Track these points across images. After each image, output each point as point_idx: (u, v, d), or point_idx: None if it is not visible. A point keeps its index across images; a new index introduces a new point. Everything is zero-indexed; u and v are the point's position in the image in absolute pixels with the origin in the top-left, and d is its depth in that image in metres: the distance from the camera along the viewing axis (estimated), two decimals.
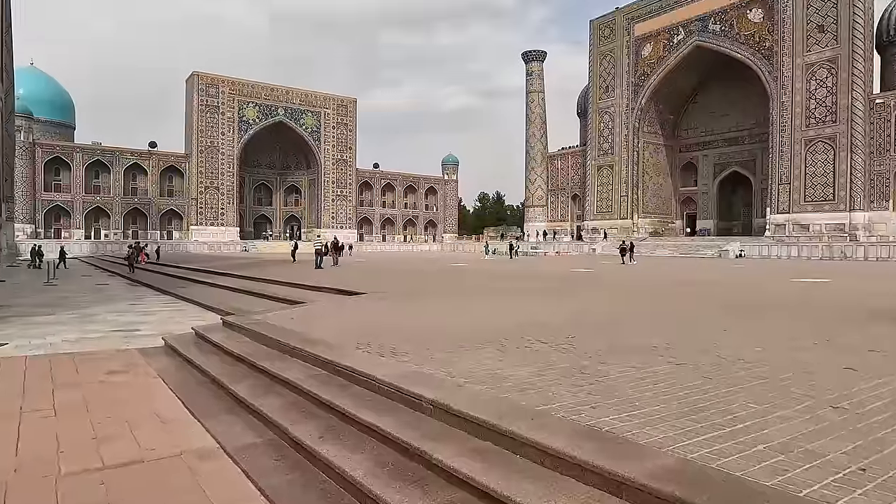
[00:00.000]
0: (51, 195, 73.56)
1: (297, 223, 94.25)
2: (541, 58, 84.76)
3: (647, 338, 6.64)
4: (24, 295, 16.57)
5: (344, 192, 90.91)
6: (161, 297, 16.36)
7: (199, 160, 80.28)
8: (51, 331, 9.63)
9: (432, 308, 10.04)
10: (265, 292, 15.20)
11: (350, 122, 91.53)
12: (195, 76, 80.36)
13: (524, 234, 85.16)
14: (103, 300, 15.33)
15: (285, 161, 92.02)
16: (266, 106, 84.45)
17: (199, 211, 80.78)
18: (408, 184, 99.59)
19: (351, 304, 10.60)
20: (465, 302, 11.34)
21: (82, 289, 18.92)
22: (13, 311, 12.39)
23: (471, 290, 14.90)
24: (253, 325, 7.46)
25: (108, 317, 11.64)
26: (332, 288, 14.85)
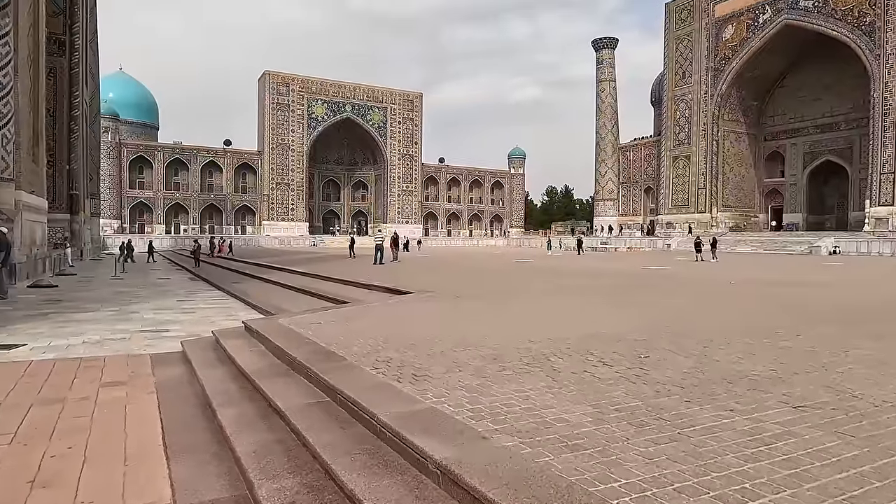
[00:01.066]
0: (135, 192, 77.63)
1: (363, 218, 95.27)
2: (612, 45, 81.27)
3: (745, 362, 5.19)
4: (85, 289, 16.71)
5: (409, 187, 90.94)
6: (212, 293, 16.05)
7: (270, 157, 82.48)
8: (81, 329, 9.19)
9: (482, 311, 8.86)
10: (314, 290, 14.51)
11: (416, 117, 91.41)
12: (266, 75, 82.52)
13: (594, 229, 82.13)
14: (155, 296, 15.14)
15: (353, 157, 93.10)
16: (334, 103, 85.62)
17: (270, 206, 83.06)
18: (473, 178, 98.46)
19: (394, 306, 9.60)
20: (522, 304, 10.08)
21: (143, 283, 19.03)
22: (62, 307, 12.24)
23: (531, 289, 13.59)
24: (271, 332, 6.56)
25: (147, 314, 11.22)
26: (381, 286, 13.96)
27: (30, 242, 19.19)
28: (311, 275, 19.22)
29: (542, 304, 10.42)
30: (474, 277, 18.99)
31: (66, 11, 37.66)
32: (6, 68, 16.79)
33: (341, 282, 16.31)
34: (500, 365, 4.97)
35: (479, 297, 11.26)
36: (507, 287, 14.50)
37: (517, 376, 4.56)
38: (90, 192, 50.21)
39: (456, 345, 5.93)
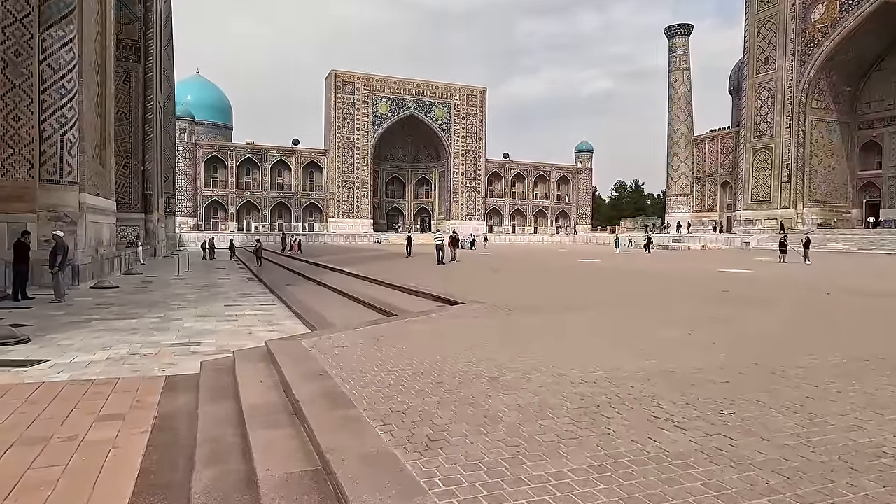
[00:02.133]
0: (209, 190, 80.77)
1: (427, 215, 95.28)
2: (686, 32, 77.08)
3: (869, 426, 3.94)
4: (141, 290, 16.86)
5: (473, 183, 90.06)
6: (263, 297, 15.76)
7: (336, 155, 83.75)
8: (114, 340, 8.87)
9: (534, 331, 7.84)
10: (363, 296, 13.89)
11: (480, 113, 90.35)
12: (333, 74, 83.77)
13: (665, 226, 78.37)
14: (205, 299, 14.99)
15: (416, 154, 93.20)
16: (398, 100, 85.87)
17: (336, 204, 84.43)
18: (538, 173, 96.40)
19: (437, 322, 8.73)
20: (580, 320, 8.96)
21: (201, 284, 19.11)
22: (109, 312, 12.16)
23: (593, 299, 12.36)
24: (287, 358, 5.84)
25: (188, 322, 10.88)
26: (430, 294, 13.14)
27: (95, 243, 19.68)
28: (363, 277, 18.69)
29: (603, 320, 9.25)
30: (533, 282, 17.84)
31: (142, 18, 39.09)
32: (70, 74, 17.16)
33: (391, 287, 15.62)
34: (540, 422, 3.97)
35: (534, 310, 10.20)
36: (567, 295, 13.32)
37: (559, 444, 3.55)
38: (165, 191, 52.40)
39: (493, 384, 4.96)
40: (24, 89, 16.56)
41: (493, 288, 15.33)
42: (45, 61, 16.75)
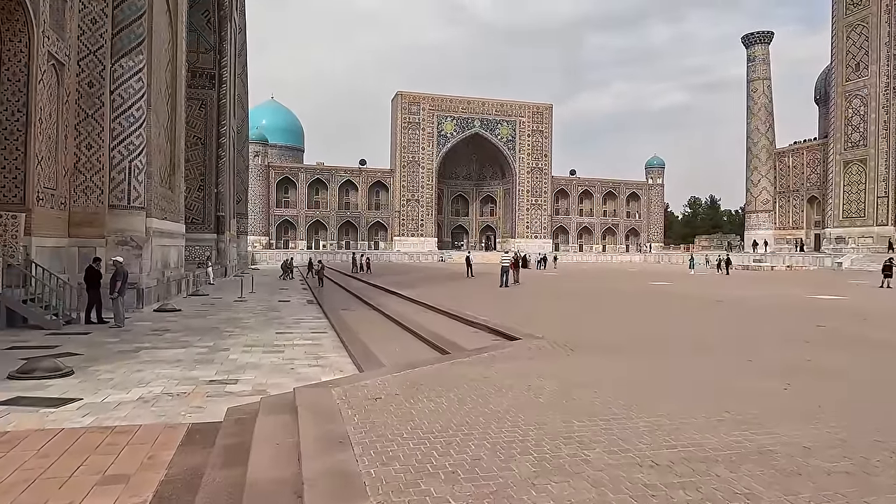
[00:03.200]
0: (281, 210, 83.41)
1: (492, 233, 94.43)
2: (765, 39, 73.13)
3: None
4: (200, 314, 16.95)
5: (539, 200, 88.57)
6: (317, 323, 15.41)
7: (401, 174, 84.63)
8: (152, 376, 8.59)
9: (595, 380, 6.87)
10: (416, 326, 13.24)
11: (545, 129, 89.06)
12: (399, 95, 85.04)
13: (744, 244, 73.87)
14: (260, 325, 14.79)
15: (481, 172, 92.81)
16: (463, 119, 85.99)
17: (401, 222, 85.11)
18: (607, 190, 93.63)
19: (487, 366, 7.89)
20: (652, 366, 7.87)
21: (259, 308, 19.08)
22: (161, 339, 12.09)
23: (667, 333, 11.13)
24: (308, 415, 5.19)
25: (234, 354, 10.55)
26: (486, 326, 12.30)
27: (162, 266, 20.13)
28: (419, 302, 18.09)
29: (678, 366, 8.11)
30: (598, 310, 16.63)
31: (217, 48, 40.77)
32: (139, 103, 17.69)
33: (447, 315, 14.90)
34: None
35: (597, 349, 9.17)
36: (635, 329, 12.12)
37: None
38: (238, 212, 54.37)
39: (540, 465, 4.08)
40: (95, 118, 17.18)
41: (555, 318, 14.29)
42: (115, 91, 17.35)
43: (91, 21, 17.18)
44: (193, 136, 38.95)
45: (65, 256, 16.46)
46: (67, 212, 16.88)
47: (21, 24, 14.39)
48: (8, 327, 13.05)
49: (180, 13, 22.93)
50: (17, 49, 14.44)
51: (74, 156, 17.01)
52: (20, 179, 14.53)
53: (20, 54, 14.47)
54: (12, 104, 14.44)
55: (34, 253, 14.62)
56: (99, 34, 17.23)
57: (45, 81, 15.22)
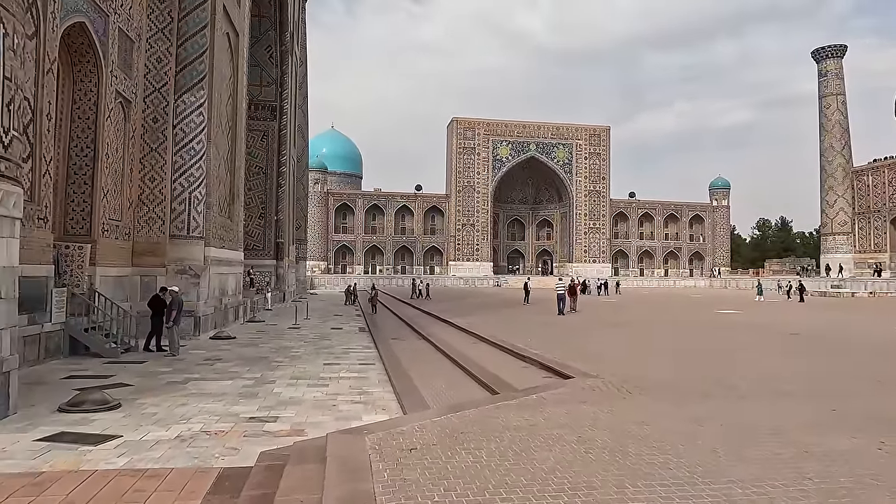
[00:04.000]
0: (339, 236, 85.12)
1: (548, 257, 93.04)
2: (838, 53, 69.59)
3: None
4: (253, 342, 17.09)
5: (597, 224, 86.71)
6: (366, 353, 15.19)
7: (457, 199, 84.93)
8: (194, 411, 8.52)
9: (656, 436, 6.21)
10: (465, 360, 12.80)
11: (603, 152, 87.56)
12: (454, 121, 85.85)
13: (820, 268, 69.48)
14: (309, 354, 14.72)
15: (537, 195, 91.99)
16: (518, 143, 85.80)
17: (456, 247, 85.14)
18: (668, 212, 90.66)
19: (534, 412, 7.34)
20: (727, 415, 7.12)
21: (312, 336, 19.12)
22: (210, 370, 12.15)
23: (740, 374, 10.22)
24: (335, 470, 4.83)
25: (278, 387, 10.42)
26: (538, 361, 11.71)
27: (219, 293, 20.58)
28: (470, 332, 17.63)
29: (749, 416, 7.31)
30: (660, 343, 15.66)
31: (278, 82, 42.26)
32: (200, 136, 18.32)
33: (498, 347, 14.38)
34: None
35: (657, 392, 8.45)
36: (702, 370, 11.22)
37: None
38: (297, 238, 55.79)
39: None
40: (159, 152, 17.90)
41: (612, 352, 13.51)
42: (178, 125, 18.04)
43: (156, 60, 18.01)
44: (255, 165, 40.34)
45: (127, 285, 17.04)
46: (131, 242, 17.54)
47: (91, 66, 15.19)
48: (71, 355, 13.48)
49: (241, 50, 23.83)
50: (87, 89, 15.24)
51: (139, 188, 17.72)
52: (87, 212, 15.19)
53: (90, 93, 15.26)
54: (81, 140, 15.18)
55: (98, 282, 15.17)
56: (164, 72, 18.04)
57: (112, 118, 15.97)
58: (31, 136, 12.15)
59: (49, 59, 12.58)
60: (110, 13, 15.53)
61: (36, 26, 12.12)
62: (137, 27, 17.40)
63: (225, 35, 21.31)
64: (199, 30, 18.39)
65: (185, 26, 18.30)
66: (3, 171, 7.63)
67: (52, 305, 12.81)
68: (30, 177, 12.10)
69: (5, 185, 7.67)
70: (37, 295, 12.40)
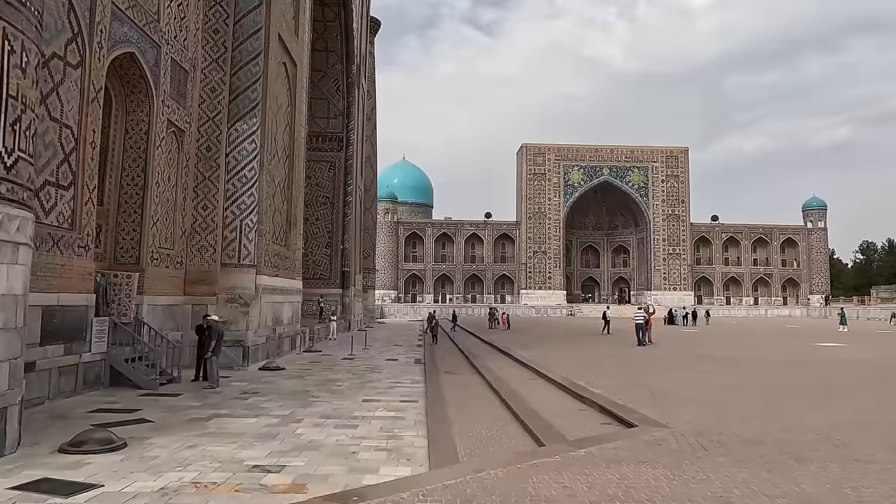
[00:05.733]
0: (409, 265, 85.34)
1: (625, 285, 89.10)
2: None
3: None
4: (299, 374, 16.38)
5: (676, 249, 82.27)
6: (413, 389, 14.02)
7: (527, 226, 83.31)
8: (198, 455, 7.67)
9: None
10: (516, 400, 11.40)
11: (682, 174, 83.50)
12: (524, 147, 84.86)
13: None
14: (351, 389, 13.74)
15: (612, 221, 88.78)
16: (590, 167, 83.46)
17: (527, 275, 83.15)
18: (757, 236, 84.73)
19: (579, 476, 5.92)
20: (842, 486, 5.40)
21: (362, 368, 18.22)
22: (239, 406, 11.40)
23: (853, 421, 8.24)
24: None
25: (302, 428, 9.45)
26: (599, 402, 10.13)
27: (273, 322, 20.18)
28: (528, 367, 16.13)
29: (869, 487, 5.54)
30: (747, 383, 13.51)
31: (345, 113, 42.81)
32: (252, 164, 18.17)
33: (556, 385, 12.84)
34: None
35: (742, 450, 6.74)
36: (798, 419, 9.25)
37: None
38: (365, 267, 55.96)
39: None
40: (211, 180, 17.86)
41: (692, 393, 11.64)
42: (230, 153, 17.98)
43: (210, 90, 18.13)
44: (322, 195, 40.80)
45: (178, 314, 16.86)
46: (184, 270, 17.44)
47: (143, 95, 15.32)
48: (111, 385, 13.19)
49: (300, 80, 23.92)
50: (139, 118, 15.35)
51: (192, 216, 17.68)
52: (135, 241, 15.14)
53: (142, 123, 15.35)
54: (133, 170, 15.25)
55: (145, 311, 14.99)
56: (217, 101, 18.11)
57: (163, 147, 16.02)
58: (73, 164, 12.15)
59: (94, 89, 12.61)
60: (162, 44, 15.70)
61: (81, 56, 12.20)
62: (192, 58, 17.60)
63: (281, 64, 21.40)
64: (252, 58, 18.40)
65: (238, 56, 18.37)
66: (2, 194, 7.20)
67: (92, 335, 12.59)
68: (71, 205, 12.02)
69: (5, 209, 7.24)
70: (76, 324, 12.21)
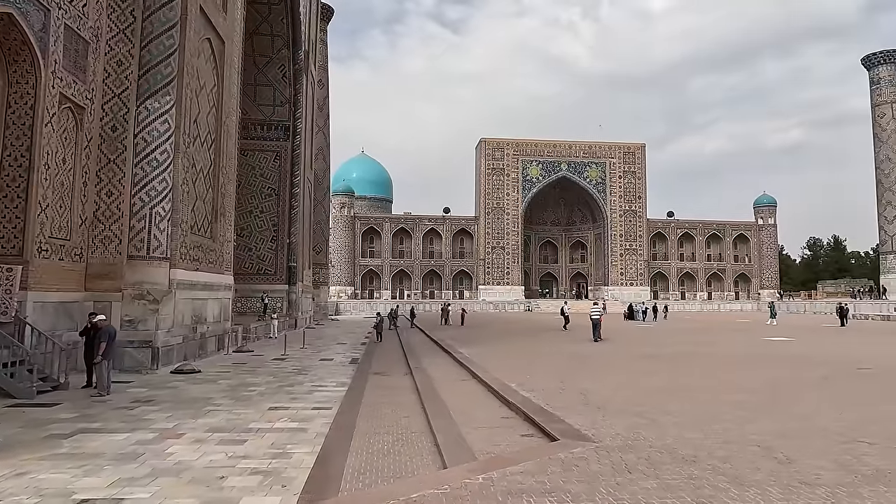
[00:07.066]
0: (366, 260, 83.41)
1: (583, 280, 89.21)
2: (891, 59, 65.30)
3: None
4: (217, 377, 14.85)
5: (633, 245, 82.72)
6: (333, 393, 12.68)
7: (486, 222, 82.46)
8: (21, 486, 6.26)
9: None
10: (436, 405, 10.21)
11: (638, 170, 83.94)
12: (483, 142, 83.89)
13: (884, 290, 63.86)
14: (262, 395, 12.33)
15: (570, 216, 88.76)
16: (549, 163, 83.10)
17: (486, 271, 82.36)
18: (710, 232, 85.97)
19: None
20: None
21: (290, 369, 16.76)
22: (118, 418, 9.90)
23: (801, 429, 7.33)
24: None
25: (177, 445, 8.04)
26: (524, 408, 9.01)
27: (192, 321, 18.52)
28: (465, 366, 14.98)
29: None
30: (695, 380, 12.68)
31: (292, 101, 40.82)
32: (164, 146, 16.45)
33: (488, 387, 11.70)
34: None
35: (673, 471, 5.68)
36: (745, 428, 8.33)
37: None
38: (317, 262, 53.96)
39: None
40: (117, 164, 16.09)
41: (629, 396, 10.66)
42: (139, 134, 16.22)
43: (117, 63, 16.32)
44: (267, 186, 38.90)
45: (77, 312, 15.05)
46: (84, 263, 15.64)
47: (28, 65, 13.49)
48: None
49: (230, 59, 22.17)
50: (23, 91, 13.52)
51: (94, 204, 15.88)
52: (19, 229, 13.33)
53: (26, 96, 13.53)
54: (15, 149, 13.42)
55: (30, 309, 13.22)
56: (125, 75, 16.32)
57: (55, 125, 14.20)
58: None
59: None
60: (52, 7, 13.87)
61: None
62: (94, 27, 15.76)
63: (205, 40, 19.65)
64: (165, 30, 16.64)
65: (149, 26, 16.59)
66: None
67: None
68: None
69: None
70: None
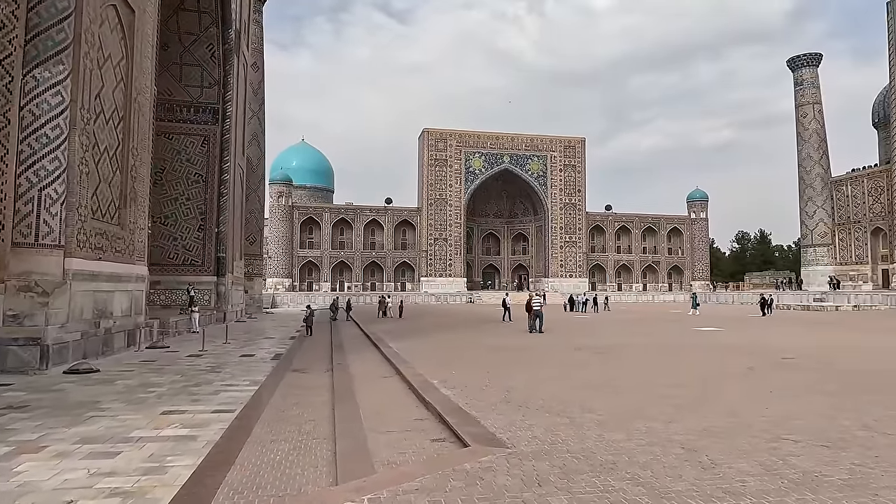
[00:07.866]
0: (305, 251, 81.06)
1: (525, 272, 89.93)
2: (813, 62, 68.24)
3: None
4: (112, 377, 13.45)
5: (573, 237, 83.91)
6: (241, 393, 11.60)
7: (429, 213, 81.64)
8: None
9: None
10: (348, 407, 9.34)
11: (579, 164, 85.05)
12: (426, 133, 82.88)
13: (805, 281, 67.25)
14: (160, 398, 11.12)
15: (512, 209, 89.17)
16: (491, 155, 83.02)
17: (428, 263, 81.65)
18: (646, 225, 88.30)
19: None
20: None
21: (203, 366, 15.48)
22: None
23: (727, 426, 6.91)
24: None
25: (30, 462, 6.87)
26: (440, 410, 8.28)
27: (94, 316, 16.86)
28: (390, 361, 14.17)
29: None
30: (625, 374, 12.34)
31: (221, 83, 38.57)
32: (56, 120, 14.75)
33: (408, 384, 10.94)
34: None
35: (590, 483, 5.06)
36: (668, 433, 7.91)
37: None
38: (250, 253, 51.71)
39: None
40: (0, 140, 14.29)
41: (553, 392, 10.12)
42: (25, 107, 14.45)
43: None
44: (194, 172, 36.68)
45: None
46: None
47: None
48: None
49: (143, 31, 20.36)
50: None
51: None
52: None
53: None
54: None
55: None
56: (7, 40, 14.49)
57: None
58: None
59: None
60: None
61: None
62: None
63: (110, 7, 17.86)
64: None
65: None
66: None
67: None
68: None
69: None
70: None
